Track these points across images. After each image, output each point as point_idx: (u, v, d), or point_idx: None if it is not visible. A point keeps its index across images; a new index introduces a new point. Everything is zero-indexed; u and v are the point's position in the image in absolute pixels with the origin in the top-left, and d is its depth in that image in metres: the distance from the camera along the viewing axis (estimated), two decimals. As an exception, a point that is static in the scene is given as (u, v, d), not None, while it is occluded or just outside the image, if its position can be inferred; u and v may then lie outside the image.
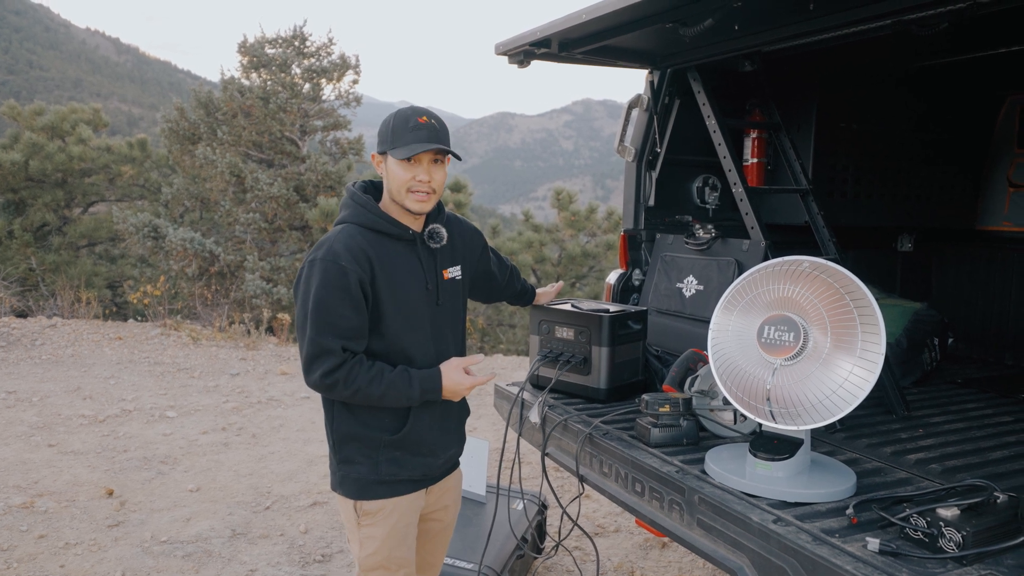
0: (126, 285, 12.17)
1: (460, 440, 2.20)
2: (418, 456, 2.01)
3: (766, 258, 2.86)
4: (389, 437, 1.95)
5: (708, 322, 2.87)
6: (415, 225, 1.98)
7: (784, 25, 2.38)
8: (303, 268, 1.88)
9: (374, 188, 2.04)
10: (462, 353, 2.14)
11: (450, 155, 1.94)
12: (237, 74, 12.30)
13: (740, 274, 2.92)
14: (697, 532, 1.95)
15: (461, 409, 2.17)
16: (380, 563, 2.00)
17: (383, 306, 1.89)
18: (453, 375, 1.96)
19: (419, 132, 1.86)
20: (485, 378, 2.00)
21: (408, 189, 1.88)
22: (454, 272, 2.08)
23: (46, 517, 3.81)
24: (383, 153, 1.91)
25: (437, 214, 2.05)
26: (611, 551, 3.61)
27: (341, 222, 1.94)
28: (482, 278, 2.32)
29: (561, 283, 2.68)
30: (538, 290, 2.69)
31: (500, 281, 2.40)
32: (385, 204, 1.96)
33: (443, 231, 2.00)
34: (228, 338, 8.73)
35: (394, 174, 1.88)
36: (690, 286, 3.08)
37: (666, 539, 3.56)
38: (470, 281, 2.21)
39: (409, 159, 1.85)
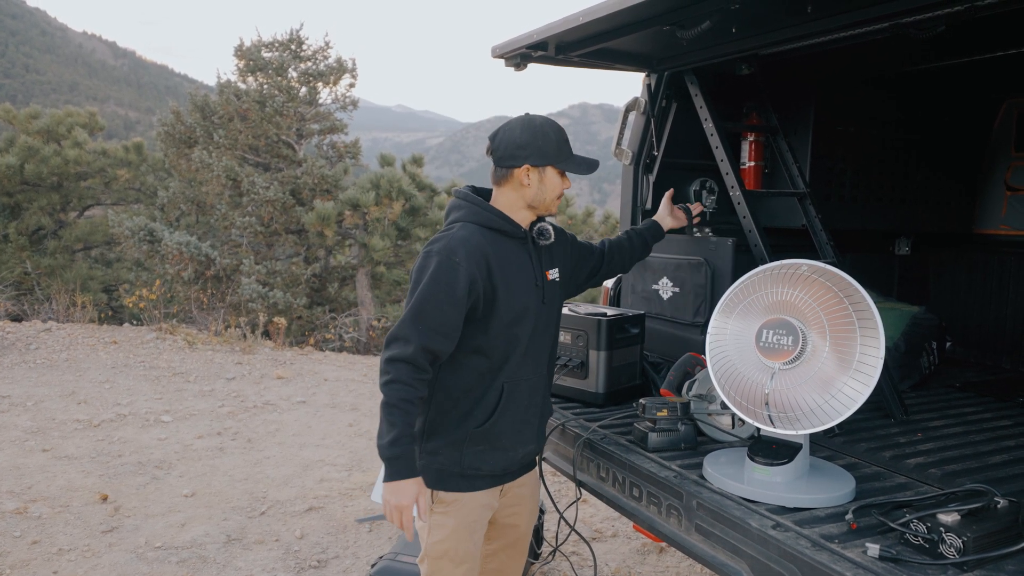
0: (122, 289, 12.11)
1: (540, 437, 2.22)
2: (499, 450, 2.05)
3: (735, 255, 2.86)
4: (475, 429, 2.00)
5: (687, 324, 2.88)
6: (524, 224, 2.07)
7: (782, 28, 2.38)
8: (420, 257, 1.95)
9: (476, 193, 2.11)
10: (554, 355, 2.21)
11: None
12: (233, 78, 12.27)
13: (711, 273, 2.93)
14: (695, 537, 1.94)
15: (544, 406, 2.19)
16: (446, 551, 2.05)
17: (498, 301, 1.95)
18: (402, 497, 1.87)
19: (570, 147, 2.06)
20: (406, 525, 1.89)
21: (558, 197, 2.06)
22: (554, 274, 2.15)
23: (39, 523, 3.78)
24: (541, 166, 2.00)
25: (538, 218, 2.13)
26: (608, 556, 3.59)
27: (456, 221, 2.01)
28: (579, 261, 2.33)
29: (671, 190, 2.75)
30: (656, 219, 2.69)
31: (596, 256, 2.40)
32: (504, 208, 2.04)
33: (550, 228, 2.09)
34: (224, 342, 8.70)
35: (553, 185, 2.03)
36: (666, 288, 3.08)
37: (664, 544, 3.55)
38: (568, 282, 2.27)
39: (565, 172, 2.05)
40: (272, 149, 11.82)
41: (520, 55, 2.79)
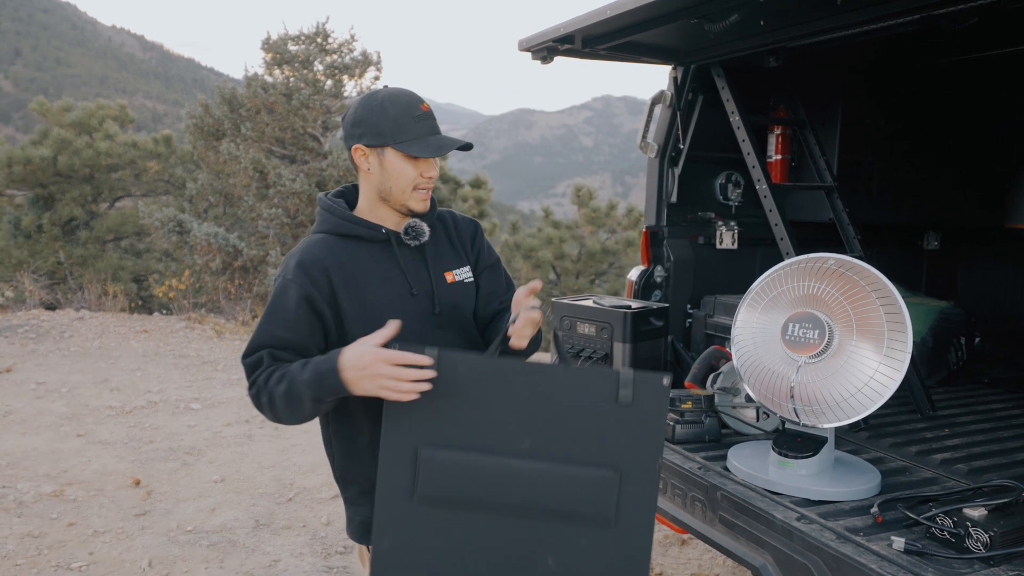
0: (151, 279, 12.33)
1: None
2: None
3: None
4: None
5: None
6: (394, 225, 1.70)
7: (811, 20, 2.36)
8: None
9: (353, 192, 1.78)
10: None
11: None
12: (260, 71, 12.40)
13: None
14: (719, 529, 1.95)
15: None
16: None
17: (346, 322, 1.61)
18: (358, 348, 1.46)
19: (428, 123, 1.64)
20: (415, 356, 1.42)
21: (415, 187, 1.64)
22: (462, 274, 1.76)
23: (75, 505, 3.89)
24: (378, 146, 1.62)
25: (429, 210, 1.75)
26: (631, 547, 3.61)
27: (312, 233, 1.72)
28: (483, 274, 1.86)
29: (536, 283, 1.60)
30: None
31: (485, 293, 1.82)
32: (362, 207, 1.71)
33: (423, 225, 1.69)
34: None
35: (398, 171, 1.62)
36: None
37: (686, 536, 3.56)
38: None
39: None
40: (298, 141, 11.93)
41: (547, 48, 2.81)
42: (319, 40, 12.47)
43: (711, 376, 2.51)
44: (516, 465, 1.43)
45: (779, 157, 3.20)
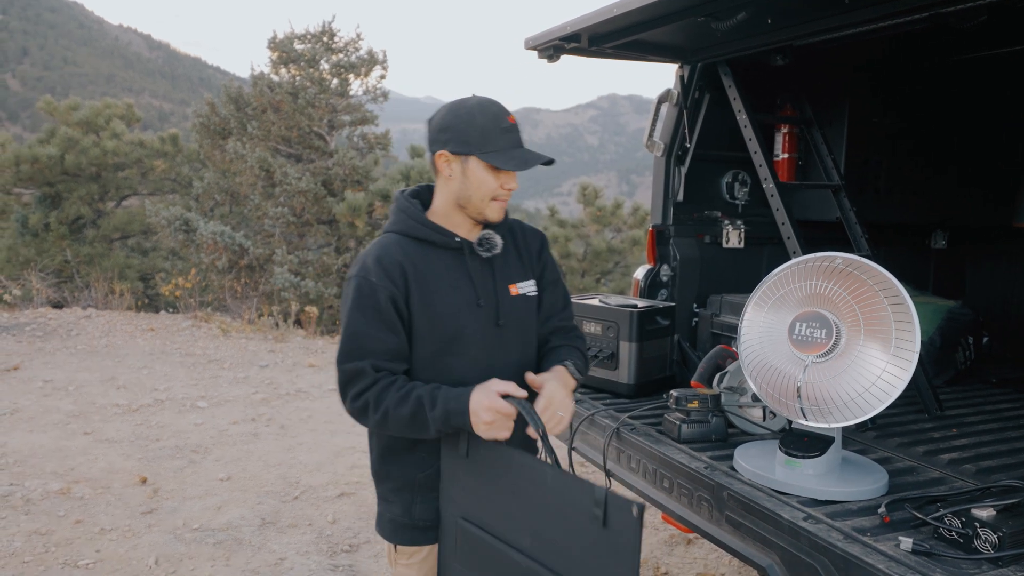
0: (158, 277, 12.39)
1: None
2: None
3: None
4: (421, 475, 1.72)
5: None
6: (467, 232, 1.72)
7: (818, 19, 2.35)
8: (344, 287, 1.71)
9: (428, 192, 1.78)
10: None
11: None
12: (266, 70, 12.43)
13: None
14: (725, 529, 1.95)
15: (517, 428, 1.72)
16: None
17: (416, 326, 1.65)
18: (482, 396, 1.54)
19: (513, 136, 1.64)
20: (510, 409, 1.53)
21: (494, 197, 1.65)
22: (526, 287, 1.77)
23: (82, 503, 3.90)
24: (462, 154, 1.63)
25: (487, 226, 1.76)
26: (636, 547, 3.61)
27: (385, 232, 1.74)
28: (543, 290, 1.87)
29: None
30: (539, 376, 1.73)
31: (545, 309, 1.85)
32: (437, 210, 1.72)
33: (496, 238, 1.72)
34: (257, 330, 8.85)
35: (479, 180, 1.63)
36: None
37: (692, 535, 3.55)
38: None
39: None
40: (304, 140, 11.96)
41: (553, 47, 2.80)
42: (325, 39, 12.49)
43: (717, 375, 2.51)
44: (517, 562, 1.52)
45: (786, 156, 3.19)
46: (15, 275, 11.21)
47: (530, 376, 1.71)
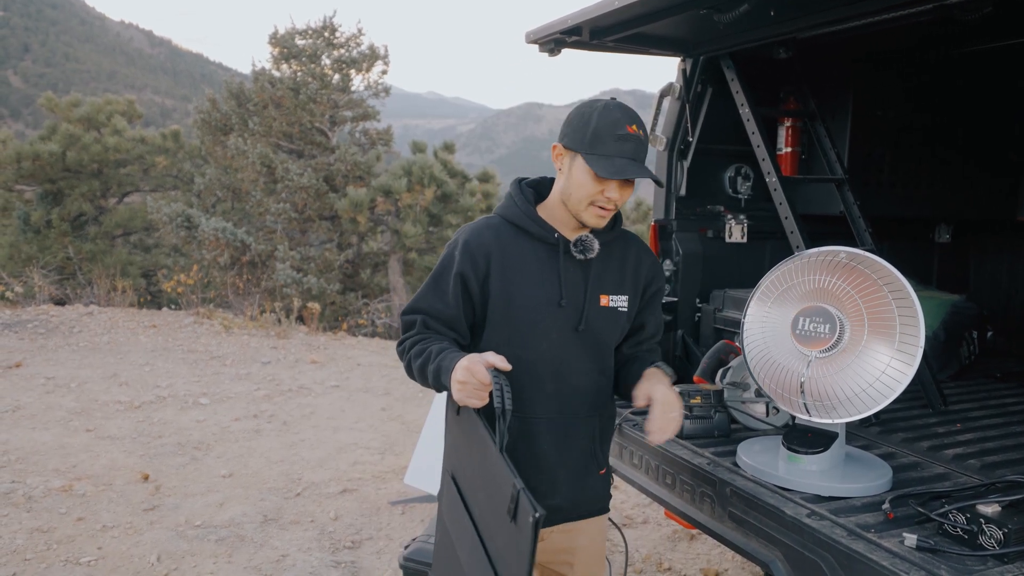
0: (160, 274, 12.38)
1: (570, 492, 1.73)
2: None
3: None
4: None
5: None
6: (570, 232, 1.70)
7: (822, 10, 2.33)
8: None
9: (548, 183, 1.77)
10: (604, 401, 1.78)
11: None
12: (268, 65, 12.40)
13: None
14: (728, 525, 1.94)
15: (576, 459, 1.74)
16: None
17: (491, 309, 1.66)
18: (466, 360, 1.52)
19: (625, 145, 1.58)
20: (485, 377, 1.49)
21: (591, 203, 1.62)
22: (617, 301, 1.73)
23: (84, 500, 3.90)
24: (572, 151, 1.62)
25: (611, 227, 1.74)
26: (639, 543, 3.60)
27: (495, 213, 1.76)
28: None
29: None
30: (642, 386, 1.72)
31: (640, 333, 1.85)
32: (548, 203, 1.72)
33: (594, 242, 1.67)
34: (259, 327, 8.85)
35: (580, 181, 1.61)
36: None
37: (695, 531, 3.54)
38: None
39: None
40: (306, 136, 11.94)
41: (554, 40, 2.78)
42: (326, 34, 12.46)
43: (720, 371, 2.49)
44: (468, 530, 1.54)
45: (789, 149, 3.17)
46: (17, 272, 11.22)
47: (638, 399, 1.69)
